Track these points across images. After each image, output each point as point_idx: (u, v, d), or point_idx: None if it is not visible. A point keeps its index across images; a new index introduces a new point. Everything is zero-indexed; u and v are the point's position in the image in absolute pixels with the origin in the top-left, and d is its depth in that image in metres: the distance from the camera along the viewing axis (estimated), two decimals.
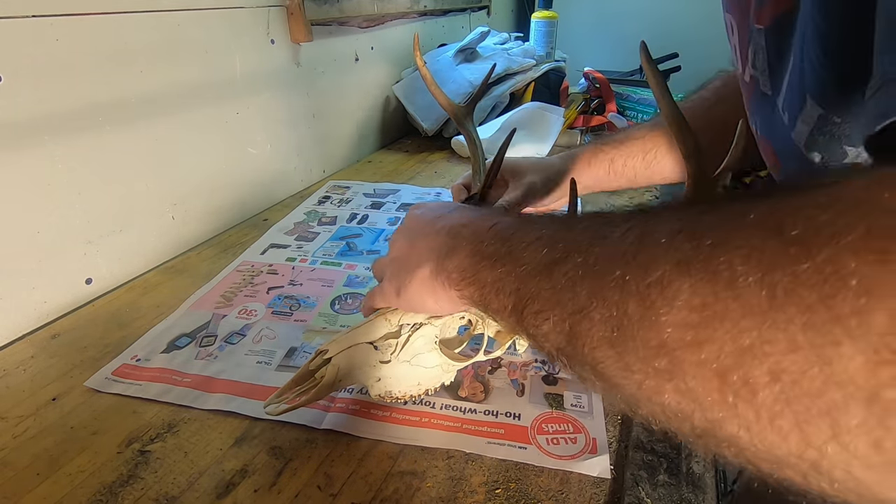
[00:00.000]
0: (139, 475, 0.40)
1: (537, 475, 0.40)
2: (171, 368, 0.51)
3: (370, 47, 1.15)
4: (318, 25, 0.94)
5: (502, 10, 1.95)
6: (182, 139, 0.74)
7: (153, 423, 0.45)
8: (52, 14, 0.55)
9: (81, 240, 0.63)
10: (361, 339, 0.42)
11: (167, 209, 0.74)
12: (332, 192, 0.97)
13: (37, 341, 0.57)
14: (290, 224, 0.83)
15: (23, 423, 0.45)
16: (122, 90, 0.64)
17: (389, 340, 0.42)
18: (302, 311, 0.60)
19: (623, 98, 1.32)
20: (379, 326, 0.42)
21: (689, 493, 0.39)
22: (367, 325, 0.42)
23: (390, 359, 0.42)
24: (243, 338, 0.56)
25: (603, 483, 0.40)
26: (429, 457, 0.42)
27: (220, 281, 0.67)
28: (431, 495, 0.39)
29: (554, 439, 0.43)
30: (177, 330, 0.57)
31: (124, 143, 0.65)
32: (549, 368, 0.51)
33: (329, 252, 0.74)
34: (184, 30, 0.70)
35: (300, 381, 0.42)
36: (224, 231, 0.83)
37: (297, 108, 0.96)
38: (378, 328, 0.42)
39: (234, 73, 0.80)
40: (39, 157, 0.57)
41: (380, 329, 0.42)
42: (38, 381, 0.50)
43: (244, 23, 0.80)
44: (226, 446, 0.43)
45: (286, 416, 0.45)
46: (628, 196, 0.94)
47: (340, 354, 0.41)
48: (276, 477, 0.40)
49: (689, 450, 0.43)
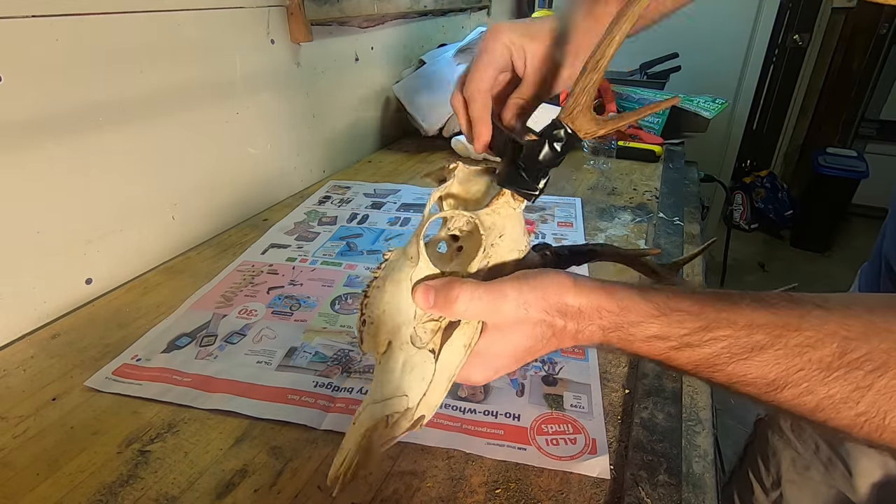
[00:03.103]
0: (139, 475, 0.40)
1: (537, 475, 0.40)
2: (172, 368, 0.51)
3: (370, 47, 1.15)
4: (318, 25, 0.94)
5: (502, 10, 1.95)
6: (182, 139, 0.74)
7: (153, 423, 0.45)
8: (52, 14, 0.55)
9: (81, 240, 0.63)
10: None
11: (167, 209, 0.74)
12: (333, 192, 0.97)
13: (37, 341, 0.57)
14: (291, 224, 0.83)
15: (23, 423, 0.45)
16: (122, 90, 0.64)
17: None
18: (302, 311, 0.60)
19: (623, 98, 1.32)
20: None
21: (689, 493, 0.39)
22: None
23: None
24: (243, 338, 0.56)
25: (603, 483, 0.40)
26: (429, 457, 0.42)
27: (220, 281, 0.67)
28: (431, 495, 0.39)
29: (553, 440, 0.43)
30: (177, 330, 0.57)
31: (124, 143, 0.65)
32: (549, 369, 0.51)
33: (329, 252, 0.74)
34: (184, 30, 0.70)
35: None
36: (224, 231, 0.83)
37: (297, 108, 0.96)
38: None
39: (234, 73, 0.80)
40: (39, 157, 0.57)
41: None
42: (38, 381, 0.50)
43: (244, 23, 0.80)
44: (226, 446, 0.43)
45: (286, 416, 0.45)
46: (628, 197, 0.94)
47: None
48: (276, 477, 0.40)
49: (689, 450, 0.43)
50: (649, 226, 0.82)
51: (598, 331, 0.31)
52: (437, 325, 0.34)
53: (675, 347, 0.30)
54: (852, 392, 0.26)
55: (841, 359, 0.26)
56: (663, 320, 0.30)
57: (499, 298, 0.32)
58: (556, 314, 0.31)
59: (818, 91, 2.71)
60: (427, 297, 0.33)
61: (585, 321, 0.31)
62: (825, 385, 0.26)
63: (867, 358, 0.25)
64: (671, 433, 0.43)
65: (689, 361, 0.29)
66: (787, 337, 0.27)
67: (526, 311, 0.31)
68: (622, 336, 0.31)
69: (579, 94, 0.33)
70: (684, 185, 1.01)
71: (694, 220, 0.87)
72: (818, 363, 0.26)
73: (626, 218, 0.85)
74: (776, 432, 0.63)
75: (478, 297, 0.32)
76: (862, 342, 0.26)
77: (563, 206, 0.89)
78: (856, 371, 0.25)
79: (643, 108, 0.33)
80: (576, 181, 1.02)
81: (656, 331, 0.30)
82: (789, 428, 0.61)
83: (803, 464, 0.60)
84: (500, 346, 0.34)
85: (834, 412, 0.26)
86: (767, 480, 0.64)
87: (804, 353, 0.27)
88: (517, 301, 0.31)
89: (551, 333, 0.32)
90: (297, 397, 0.48)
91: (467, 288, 0.32)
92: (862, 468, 0.53)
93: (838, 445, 0.55)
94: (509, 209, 0.36)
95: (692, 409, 0.47)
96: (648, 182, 1.01)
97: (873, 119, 2.75)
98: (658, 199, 0.92)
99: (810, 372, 0.26)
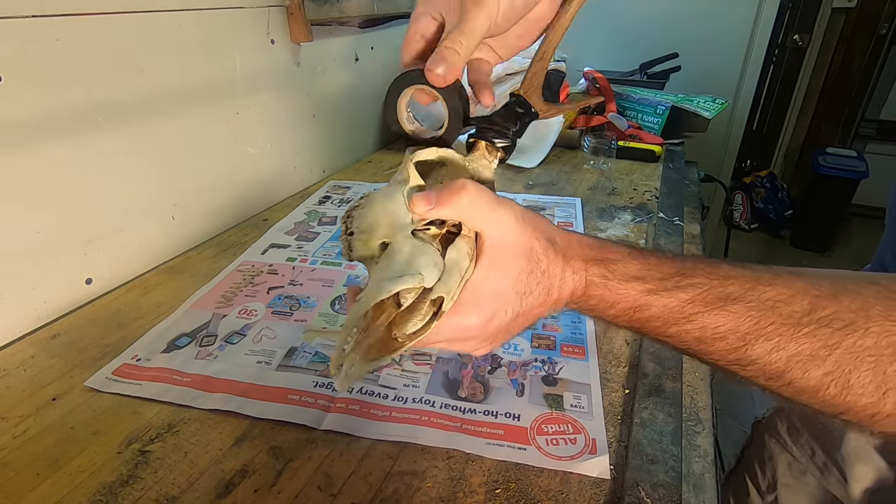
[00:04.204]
0: (139, 475, 0.40)
1: (537, 475, 0.40)
2: (172, 368, 0.51)
3: (370, 47, 1.15)
4: (318, 25, 0.94)
5: None
6: (182, 139, 0.74)
7: (153, 423, 0.45)
8: (52, 14, 0.55)
9: (81, 240, 0.63)
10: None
11: (167, 209, 0.74)
12: (333, 191, 0.97)
13: (37, 341, 0.57)
14: (291, 224, 0.83)
15: (23, 423, 0.45)
16: (122, 90, 0.64)
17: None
18: (302, 311, 0.60)
19: (623, 98, 1.32)
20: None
21: (689, 493, 0.39)
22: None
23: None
24: (243, 338, 0.56)
25: (603, 483, 0.40)
26: (429, 457, 0.42)
27: (220, 281, 0.67)
28: (431, 495, 0.39)
29: (553, 440, 0.43)
30: (177, 330, 0.57)
31: (124, 144, 0.65)
32: (549, 369, 0.51)
33: (329, 252, 0.74)
34: (184, 30, 0.70)
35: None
36: (224, 231, 0.83)
37: (297, 108, 0.96)
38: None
39: (234, 73, 0.80)
40: (39, 157, 0.57)
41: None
42: (38, 381, 0.50)
43: (244, 23, 0.80)
44: (226, 446, 0.43)
45: (286, 416, 0.45)
46: (628, 197, 0.94)
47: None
48: (276, 477, 0.40)
49: (689, 450, 0.43)
50: (649, 226, 0.82)
51: (581, 265, 0.32)
52: (437, 232, 0.32)
53: (651, 290, 0.30)
54: (820, 349, 0.26)
55: (810, 314, 0.27)
56: (641, 262, 0.31)
57: (500, 204, 0.31)
58: (545, 242, 0.32)
59: (818, 91, 2.71)
60: (429, 199, 0.31)
61: (571, 252, 0.32)
62: (794, 340, 0.27)
63: (835, 316, 0.26)
64: (671, 433, 0.43)
65: (664, 309, 0.30)
66: (759, 290, 0.28)
67: (522, 225, 0.31)
68: (602, 273, 0.31)
69: (531, 79, 0.38)
70: (684, 185, 1.01)
71: (694, 220, 0.87)
72: (788, 317, 0.27)
73: (626, 218, 0.85)
74: (773, 436, 0.63)
75: (483, 194, 0.31)
76: (831, 300, 0.27)
77: (563, 206, 0.89)
78: (824, 328, 0.26)
79: (582, 100, 0.39)
80: (576, 181, 1.02)
81: (635, 271, 0.31)
82: (786, 432, 0.61)
83: (799, 468, 0.60)
84: (493, 281, 0.31)
85: (802, 371, 0.27)
86: (763, 484, 0.64)
87: (776, 308, 0.27)
88: (515, 213, 0.32)
89: (541, 270, 0.31)
90: (297, 397, 0.48)
91: (472, 184, 0.31)
92: (857, 474, 0.53)
93: (834, 451, 0.56)
94: (484, 161, 0.37)
95: (692, 409, 0.47)
96: (648, 182, 1.01)
97: (873, 119, 2.74)
98: (658, 199, 0.92)
99: (781, 326, 0.27)
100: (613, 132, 1.20)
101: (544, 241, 0.32)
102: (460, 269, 0.30)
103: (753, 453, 0.66)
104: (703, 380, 0.50)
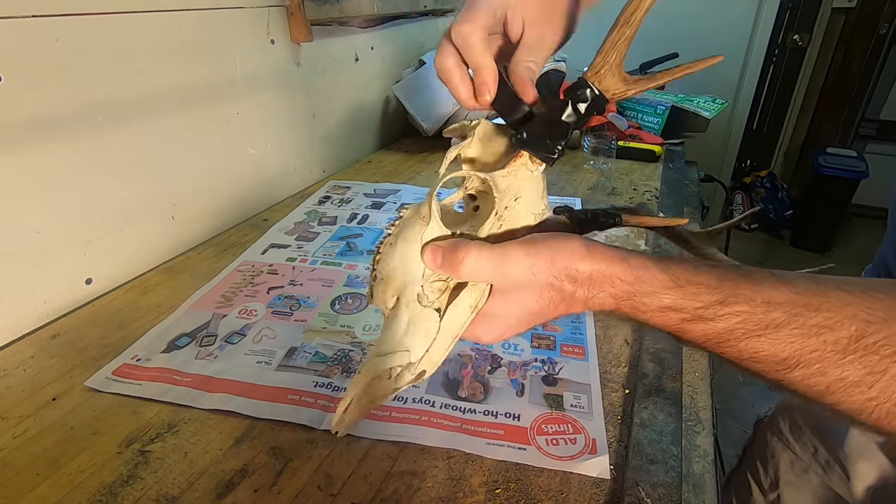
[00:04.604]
0: (139, 475, 0.40)
1: (537, 475, 0.40)
2: (172, 368, 0.51)
3: (370, 47, 1.15)
4: (318, 25, 0.94)
5: None
6: (182, 139, 0.74)
7: (153, 423, 0.45)
8: (52, 14, 0.55)
9: (81, 240, 0.63)
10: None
11: (167, 209, 0.74)
12: (333, 192, 0.97)
13: (37, 341, 0.57)
14: (291, 224, 0.83)
15: (23, 424, 0.45)
16: (122, 90, 0.64)
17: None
18: (302, 311, 0.60)
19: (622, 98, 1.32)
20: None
21: (689, 493, 0.39)
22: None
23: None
24: (243, 338, 0.56)
25: (603, 483, 0.40)
26: (429, 457, 0.42)
27: (220, 281, 0.67)
28: (431, 495, 0.39)
29: (553, 440, 0.43)
30: (177, 330, 0.57)
31: (124, 143, 0.65)
32: (549, 369, 0.51)
33: (329, 252, 0.74)
34: (184, 30, 0.70)
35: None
36: (224, 231, 0.83)
37: (297, 108, 0.96)
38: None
39: (234, 73, 0.80)
40: (39, 157, 0.57)
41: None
42: (38, 381, 0.50)
43: (244, 23, 0.80)
44: (226, 446, 0.43)
45: (286, 416, 0.45)
46: (628, 197, 0.94)
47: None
48: (276, 477, 0.40)
49: (689, 450, 0.43)
50: None
51: (609, 299, 0.31)
52: (445, 285, 0.34)
53: (688, 320, 0.29)
54: (865, 376, 0.25)
55: (858, 342, 0.25)
56: (678, 292, 0.29)
57: (505, 262, 0.31)
58: (565, 279, 0.31)
59: (818, 91, 2.71)
60: (435, 258, 0.32)
61: (596, 288, 0.31)
62: (839, 367, 0.26)
63: (885, 342, 0.25)
64: (671, 433, 0.43)
65: (702, 335, 0.29)
66: (805, 316, 0.26)
67: (534, 276, 0.31)
68: (634, 305, 0.30)
69: (609, 51, 0.30)
70: (684, 185, 1.01)
71: (694, 220, 0.87)
72: (834, 345, 0.26)
73: None
74: (775, 434, 0.63)
75: (484, 258, 0.31)
76: (882, 325, 0.25)
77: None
78: (872, 355, 0.25)
79: (678, 67, 0.31)
80: (576, 181, 1.02)
81: (670, 302, 0.29)
82: (788, 430, 0.61)
83: (801, 466, 0.60)
84: (507, 308, 0.33)
85: (844, 395, 0.26)
86: (765, 482, 0.64)
87: (821, 334, 0.26)
88: (524, 265, 0.31)
89: (560, 299, 0.31)
90: (297, 397, 0.48)
91: (474, 250, 0.31)
92: (859, 471, 0.53)
93: (837, 449, 0.55)
94: (526, 171, 0.36)
95: (692, 409, 0.47)
96: (648, 182, 1.01)
97: (873, 119, 2.74)
98: (658, 199, 0.92)
99: (825, 353, 0.26)
100: (613, 132, 1.20)
101: (563, 279, 0.31)
102: (454, 330, 0.34)
103: (756, 451, 0.66)
104: (703, 380, 0.50)
